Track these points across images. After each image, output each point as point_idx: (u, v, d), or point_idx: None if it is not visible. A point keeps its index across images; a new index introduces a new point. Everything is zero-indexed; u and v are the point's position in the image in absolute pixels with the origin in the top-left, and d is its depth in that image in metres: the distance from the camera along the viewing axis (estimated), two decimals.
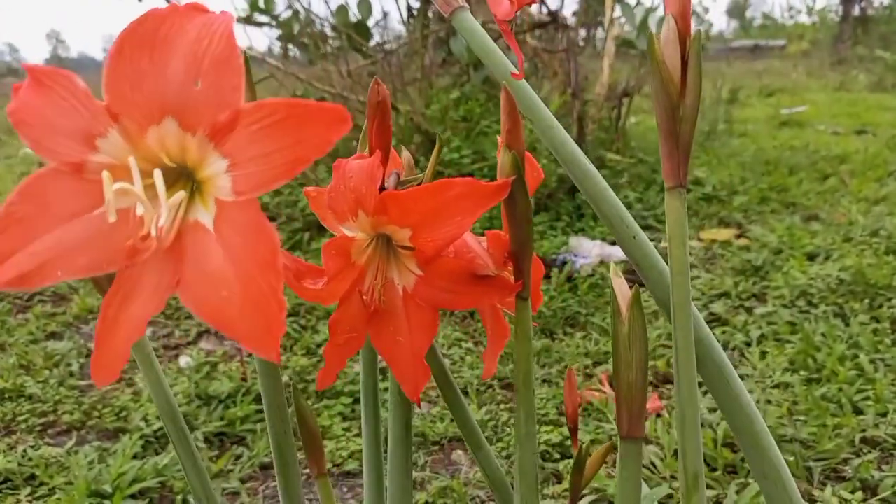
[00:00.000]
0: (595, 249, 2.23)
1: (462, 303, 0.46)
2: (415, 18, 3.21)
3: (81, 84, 0.30)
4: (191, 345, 1.79)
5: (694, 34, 0.42)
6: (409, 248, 0.45)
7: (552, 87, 3.20)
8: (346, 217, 0.44)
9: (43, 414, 1.47)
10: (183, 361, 1.67)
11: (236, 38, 0.29)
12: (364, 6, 3.16)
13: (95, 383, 0.29)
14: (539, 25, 3.22)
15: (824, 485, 1.14)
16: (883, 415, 1.31)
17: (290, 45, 3.71)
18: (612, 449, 0.57)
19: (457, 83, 3.09)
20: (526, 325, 0.46)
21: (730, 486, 1.13)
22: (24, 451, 1.33)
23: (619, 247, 0.50)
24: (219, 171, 0.30)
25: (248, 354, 1.63)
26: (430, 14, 3.11)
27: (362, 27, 3.18)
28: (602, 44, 3.67)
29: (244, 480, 1.26)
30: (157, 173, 0.29)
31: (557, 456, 1.28)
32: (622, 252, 0.50)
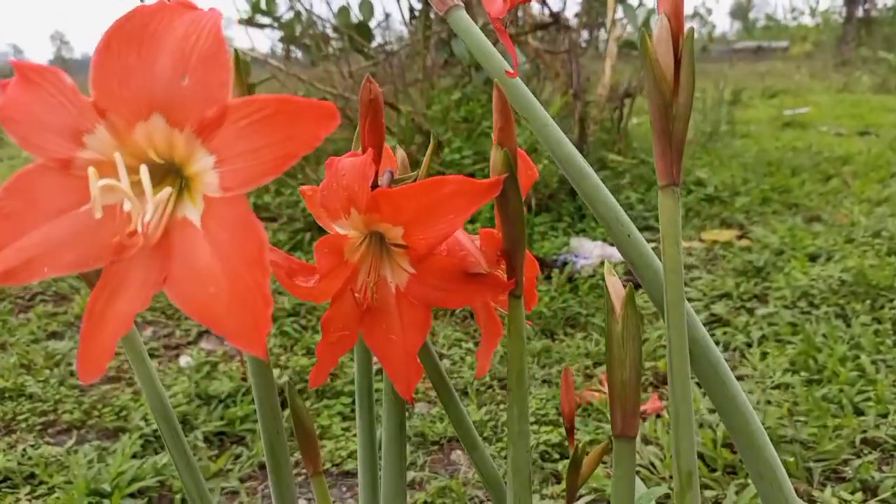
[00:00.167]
0: (596, 250, 2.22)
1: (454, 301, 0.46)
2: (416, 19, 3.21)
3: (69, 80, 0.30)
4: (191, 345, 1.79)
5: (687, 32, 0.42)
6: (402, 247, 0.45)
7: (554, 88, 3.20)
8: (339, 215, 0.44)
9: (43, 413, 1.47)
10: (183, 361, 1.68)
11: (224, 35, 0.29)
12: (365, 7, 3.17)
13: (81, 379, 0.29)
14: (541, 27, 3.22)
15: (824, 485, 1.14)
16: (884, 416, 1.31)
17: (291, 47, 3.72)
18: (609, 449, 0.56)
19: (458, 84, 3.09)
20: (519, 323, 0.46)
21: (729, 486, 1.13)
22: (24, 450, 1.33)
23: (615, 246, 0.49)
24: (206, 167, 0.30)
25: None
26: (431, 15, 3.11)
27: (364, 28, 3.18)
28: (604, 45, 3.67)
29: (243, 480, 1.26)
30: (143, 169, 0.29)
31: (556, 456, 1.28)
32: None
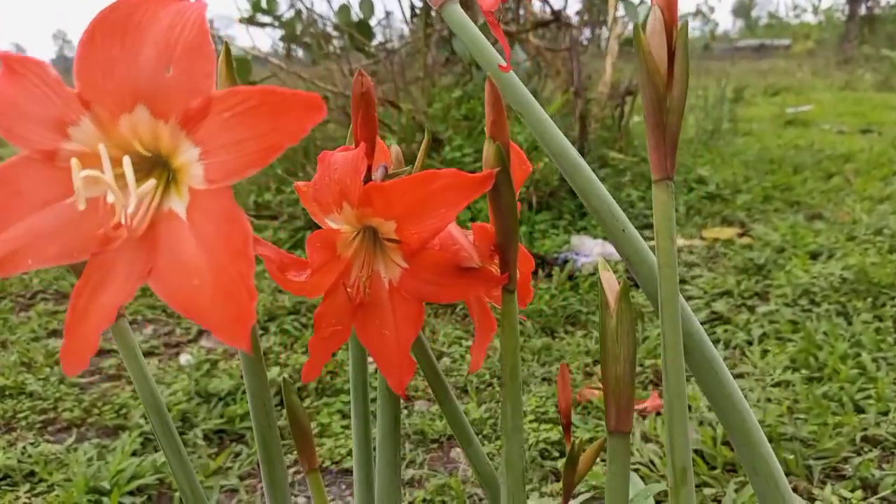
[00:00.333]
0: (597, 248, 2.22)
1: (447, 295, 0.46)
2: (417, 17, 3.21)
3: (53, 72, 0.30)
4: (191, 343, 1.79)
5: (681, 25, 0.42)
6: (395, 241, 0.45)
7: (555, 86, 3.19)
8: (331, 209, 0.44)
9: (43, 411, 1.48)
10: (183, 359, 1.68)
11: (208, 26, 0.29)
12: (366, 5, 3.16)
13: (66, 372, 0.29)
14: (542, 24, 3.22)
15: (824, 483, 1.14)
16: (884, 413, 1.30)
17: (292, 45, 3.72)
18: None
19: (459, 82, 3.08)
20: (512, 318, 0.45)
21: (729, 484, 1.13)
22: (24, 447, 1.33)
23: (609, 241, 0.49)
24: (191, 159, 0.30)
25: None
26: (432, 13, 3.10)
27: (364, 26, 3.18)
28: (605, 43, 3.66)
29: (242, 477, 1.26)
30: (126, 161, 0.29)
31: (556, 454, 1.27)
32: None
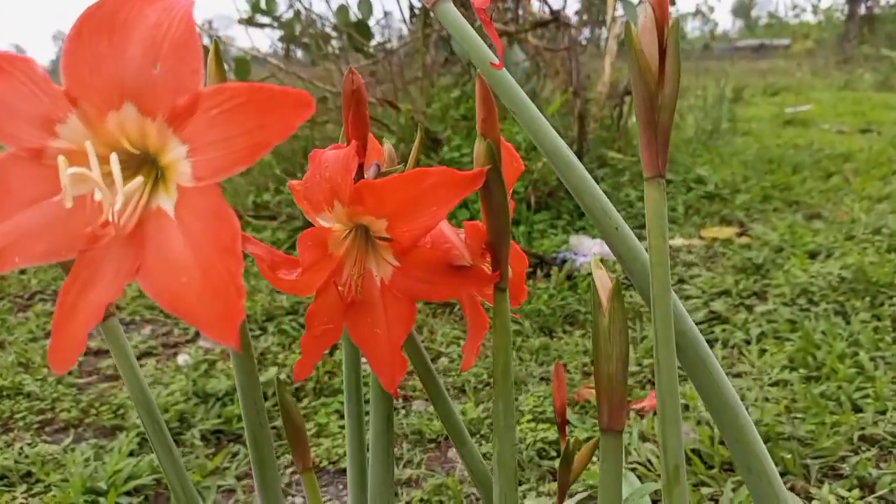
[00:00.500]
0: (595, 248, 2.22)
1: (439, 294, 0.46)
2: (416, 18, 3.21)
3: (40, 69, 0.30)
4: (189, 343, 1.79)
5: (672, 22, 0.42)
6: (387, 239, 0.45)
7: (554, 85, 3.19)
8: (322, 207, 0.44)
9: (41, 411, 1.47)
10: (181, 359, 1.68)
11: (195, 23, 0.29)
12: (364, 6, 3.16)
13: (53, 370, 0.29)
14: (541, 24, 3.22)
15: (822, 482, 1.13)
16: (882, 412, 1.30)
17: (291, 46, 3.72)
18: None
19: (458, 82, 3.08)
20: (504, 316, 0.45)
21: (726, 483, 1.13)
22: (21, 448, 1.33)
23: (602, 239, 0.49)
24: (179, 156, 0.30)
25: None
26: (431, 13, 3.10)
27: (363, 27, 3.18)
28: (604, 43, 3.66)
29: (240, 478, 1.26)
30: (113, 159, 0.29)
31: (553, 453, 1.27)
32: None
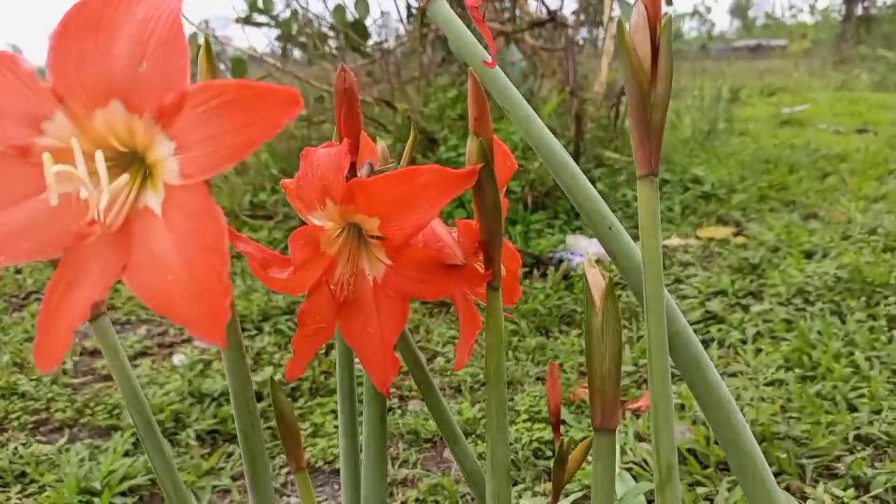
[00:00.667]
0: (592, 248, 2.22)
1: (432, 292, 0.46)
2: (413, 17, 3.21)
3: (26, 66, 0.30)
4: (185, 343, 1.79)
5: (664, 20, 0.42)
6: (380, 238, 0.45)
7: (551, 85, 3.19)
8: (314, 206, 0.44)
9: (35, 412, 1.47)
10: (177, 359, 1.67)
11: (182, 20, 0.29)
12: (361, 5, 3.16)
13: (39, 369, 0.28)
14: (538, 24, 3.21)
15: (817, 482, 1.13)
16: (877, 412, 1.30)
17: (288, 45, 3.71)
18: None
19: (455, 82, 3.08)
20: (497, 315, 0.45)
21: (721, 483, 1.13)
22: (16, 448, 1.33)
23: (596, 238, 0.49)
24: (166, 154, 0.30)
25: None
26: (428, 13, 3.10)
27: (360, 26, 3.18)
28: (601, 43, 3.66)
29: (235, 478, 1.26)
30: (98, 156, 0.28)
31: (549, 453, 1.27)
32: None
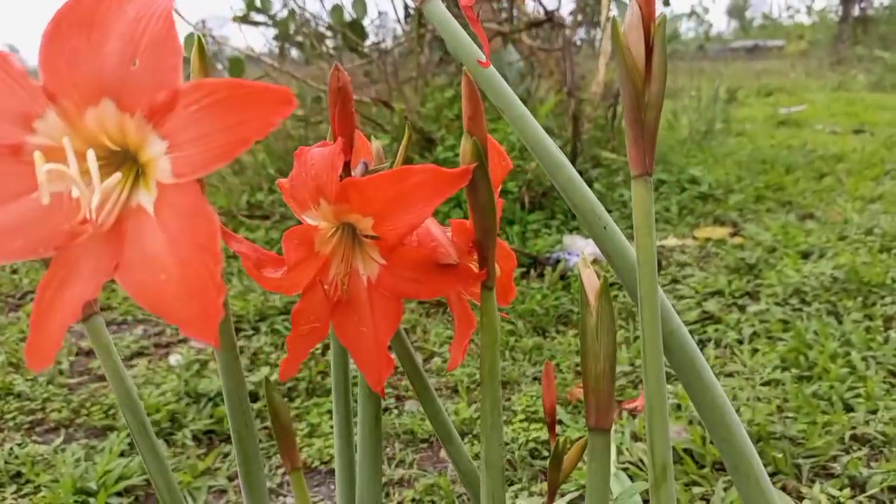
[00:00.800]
0: (589, 248, 2.22)
1: (426, 292, 0.46)
2: (411, 17, 3.21)
3: (17, 64, 0.29)
4: (181, 343, 1.78)
5: (658, 19, 0.42)
6: (374, 238, 0.45)
7: (549, 86, 3.19)
8: (308, 205, 0.44)
9: (31, 412, 1.47)
10: (173, 359, 1.67)
11: (174, 18, 0.29)
12: (359, 5, 3.16)
13: (30, 368, 0.28)
14: (535, 24, 3.22)
15: (813, 482, 1.14)
16: (873, 412, 1.30)
17: (286, 45, 3.71)
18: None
19: (452, 82, 3.08)
20: (491, 315, 0.45)
21: (717, 482, 1.13)
22: (11, 448, 1.32)
23: (591, 237, 0.49)
24: (158, 153, 0.29)
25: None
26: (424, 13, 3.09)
27: (358, 26, 3.18)
28: (599, 43, 3.66)
29: (231, 478, 1.25)
30: (90, 155, 0.28)
31: (546, 453, 1.27)
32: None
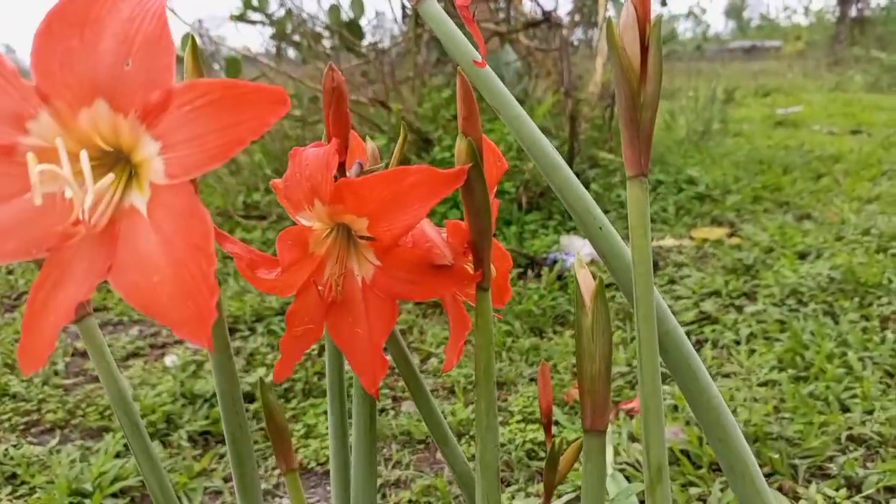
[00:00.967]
0: (586, 248, 2.22)
1: (421, 293, 0.46)
2: (408, 17, 3.21)
3: (9, 64, 0.29)
4: (177, 344, 1.78)
5: (654, 19, 0.42)
6: (369, 238, 0.45)
7: (546, 86, 3.19)
8: (302, 206, 0.43)
9: (26, 413, 1.46)
10: (169, 360, 1.67)
11: (167, 18, 0.29)
12: (357, 5, 3.16)
13: (22, 370, 0.28)
14: (532, 24, 3.22)
15: (809, 482, 1.14)
16: (870, 412, 1.30)
17: (283, 44, 3.71)
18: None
19: (450, 82, 3.08)
20: (486, 316, 0.45)
21: (714, 483, 1.13)
22: (6, 450, 1.32)
23: (587, 238, 0.49)
24: (152, 153, 0.29)
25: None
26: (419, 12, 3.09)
27: (355, 26, 3.18)
28: (596, 43, 3.66)
29: (227, 479, 1.25)
30: (83, 156, 0.28)
31: (543, 454, 1.27)
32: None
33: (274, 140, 2.98)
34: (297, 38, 3.39)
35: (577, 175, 0.50)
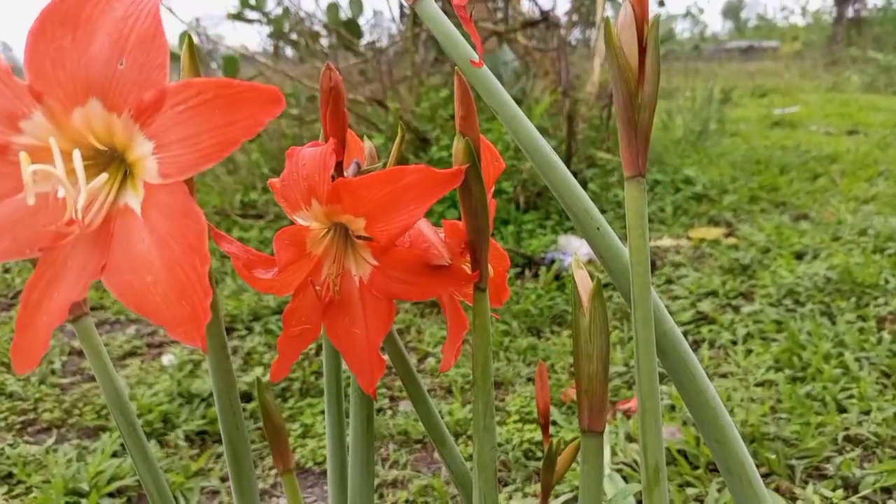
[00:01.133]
0: (583, 248, 2.22)
1: (418, 293, 0.45)
2: (406, 17, 3.21)
3: (2, 63, 0.29)
4: (174, 343, 1.78)
5: (652, 19, 0.42)
6: (366, 238, 0.45)
7: (544, 86, 3.19)
8: (300, 206, 0.43)
9: (23, 412, 1.46)
10: (166, 359, 1.66)
11: (161, 17, 0.28)
12: (355, 4, 3.15)
13: (16, 369, 0.28)
14: (530, 24, 3.22)
15: (806, 483, 1.14)
16: (866, 413, 1.31)
17: (280, 43, 3.70)
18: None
19: (447, 82, 3.08)
20: (484, 316, 0.45)
21: (711, 484, 1.13)
22: (3, 449, 1.31)
23: (584, 238, 0.49)
24: (145, 153, 0.29)
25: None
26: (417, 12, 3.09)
27: (353, 25, 3.17)
28: (594, 43, 3.66)
29: (224, 479, 1.25)
30: (76, 155, 0.28)
31: (540, 454, 1.27)
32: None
33: (271, 139, 2.97)
34: (294, 36, 3.39)
35: (575, 175, 0.49)
